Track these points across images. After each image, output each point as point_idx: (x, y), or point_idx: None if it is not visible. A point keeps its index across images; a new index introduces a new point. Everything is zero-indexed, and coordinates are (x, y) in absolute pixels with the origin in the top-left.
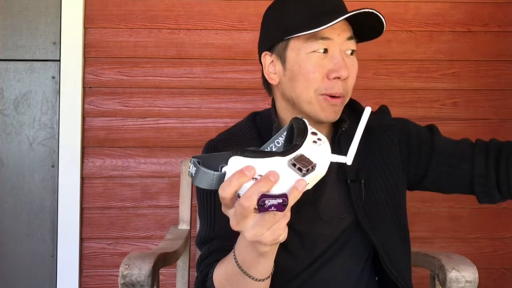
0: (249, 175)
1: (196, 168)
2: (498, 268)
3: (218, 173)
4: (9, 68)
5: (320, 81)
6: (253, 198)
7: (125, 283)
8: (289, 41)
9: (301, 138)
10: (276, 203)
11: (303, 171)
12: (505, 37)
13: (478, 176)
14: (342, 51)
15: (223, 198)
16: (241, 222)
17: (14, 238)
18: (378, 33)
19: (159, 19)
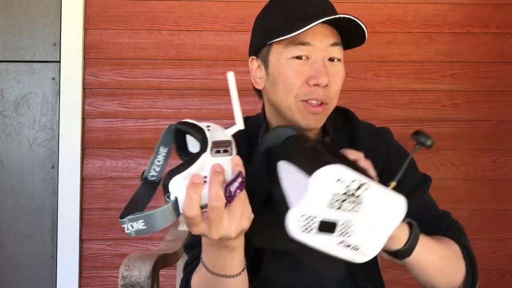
0: (200, 181)
1: (141, 219)
2: (497, 269)
3: (171, 203)
4: (9, 69)
5: (299, 87)
6: (220, 194)
7: (125, 284)
8: (272, 46)
9: (200, 132)
10: (238, 184)
11: (229, 151)
12: (504, 38)
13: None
14: (325, 57)
15: (193, 218)
16: (219, 226)
17: (14, 239)
18: (362, 38)
19: (159, 20)
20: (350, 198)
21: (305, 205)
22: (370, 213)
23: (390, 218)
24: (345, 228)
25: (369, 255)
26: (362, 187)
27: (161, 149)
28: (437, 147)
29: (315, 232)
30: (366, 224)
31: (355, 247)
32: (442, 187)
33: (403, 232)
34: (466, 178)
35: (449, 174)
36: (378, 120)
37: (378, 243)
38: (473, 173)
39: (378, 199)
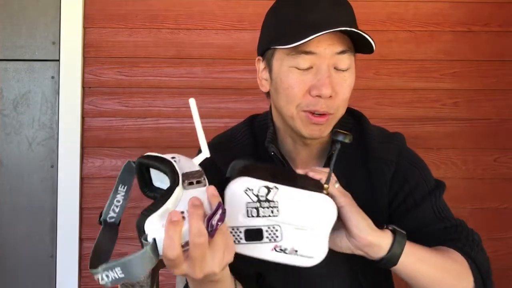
0: (179, 219)
1: (117, 267)
2: (499, 268)
3: (149, 245)
4: (8, 68)
5: (301, 97)
6: (202, 229)
7: (124, 284)
8: (275, 50)
9: (167, 165)
10: (219, 216)
11: (202, 181)
12: (506, 36)
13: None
14: (330, 65)
15: (175, 259)
16: (202, 264)
17: (14, 238)
18: (370, 49)
19: (159, 19)
20: (264, 203)
21: (227, 219)
22: (292, 213)
23: (319, 217)
24: (272, 233)
25: (316, 258)
26: (271, 191)
27: (120, 188)
28: (438, 146)
29: (245, 241)
30: (293, 226)
31: (292, 251)
32: None
33: (385, 239)
34: (466, 177)
35: (450, 173)
36: (379, 119)
37: (319, 245)
38: (474, 172)
39: (294, 199)
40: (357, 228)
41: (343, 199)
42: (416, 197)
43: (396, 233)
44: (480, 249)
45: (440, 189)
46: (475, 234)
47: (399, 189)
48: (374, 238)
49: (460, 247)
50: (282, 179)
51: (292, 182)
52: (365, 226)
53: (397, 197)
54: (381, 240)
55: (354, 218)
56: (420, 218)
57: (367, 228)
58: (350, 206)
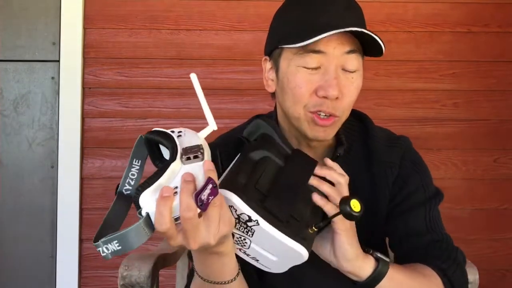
0: (170, 194)
1: (114, 240)
2: (498, 269)
3: (142, 219)
4: (8, 69)
5: (308, 98)
6: (190, 204)
7: (124, 284)
8: (283, 50)
9: (169, 140)
10: (210, 191)
11: (199, 156)
12: (505, 37)
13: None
14: (338, 66)
15: (166, 232)
16: (196, 236)
17: (14, 238)
18: (380, 52)
19: (159, 19)
20: (242, 224)
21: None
22: (264, 244)
23: (287, 256)
24: (241, 241)
25: (272, 270)
26: (252, 221)
27: (134, 162)
28: (438, 147)
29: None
30: (260, 246)
31: (254, 258)
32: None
33: (366, 269)
34: (466, 177)
35: (450, 174)
36: (379, 120)
37: (279, 267)
38: (474, 173)
39: (270, 237)
40: (342, 258)
41: (342, 227)
42: (412, 202)
43: (380, 262)
44: (460, 270)
45: (438, 199)
46: (460, 253)
47: (398, 191)
48: (355, 269)
49: (440, 266)
50: (278, 201)
51: (284, 210)
52: (350, 258)
53: (395, 199)
54: (361, 270)
55: (343, 249)
56: (411, 225)
57: (353, 261)
58: (345, 236)
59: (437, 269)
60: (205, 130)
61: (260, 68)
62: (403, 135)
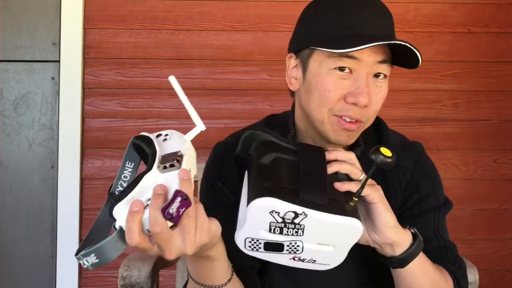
0: (139, 209)
1: (92, 253)
2: (498, 269)
3: (115, 233)
4: (8, 69)
5: (336, 102)
6: (158, 218)
7: (124, 285)
8: (314, 51)
9: (150, 147)
10: (179, 203)
11: (175, 165)
12: (505, 38)
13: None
14: (370, 74)
15: (138, 246)
16: (171, 247)
17: (14, 239)
18: (415, 64)
19: (159, 20)
20: (289, 225)
21: (246, 230)
22: (317, 234)
23: (343, 237)
24: (293, 247)
25: (331, 264)
26: (299, 216)
27: (127, 164)
28: (438, 147)
29: (263, 251)
30: (315, 242)
31: (310, 260)
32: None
33: (405, 240)
34: (467, 178)
35: (450, 174)
36: None
37: (337, 256)
38: (474, 173)
39: (322, 224)
40: (386, 226)
41: (376, 196)
42: (422, 207)
43: (417, 238)
44: (466, 276)
45: (447, 207)
46: (462, 261)
47: (409, 196)
48: (398, 237)
49: (450, 268)
50: (311, 190)
51: (321, 195)
52: (393, 225)
53: (406, 204)
54: (404, 239)
55: (384, 216)
56: (420, 230)
57: (395, 227)
58: (382, 203)
59: (448, 270)
60: (192, 132)
61: (259, 69)
62: (416, 141)
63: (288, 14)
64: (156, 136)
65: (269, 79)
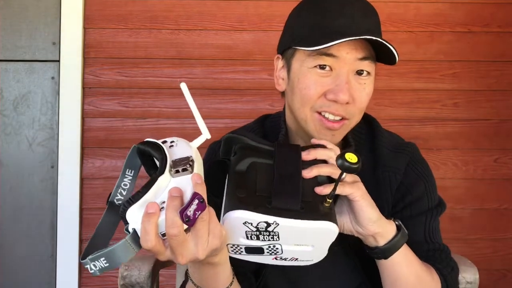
0: (155, 211)
1: (102, 257)
2: (498, 269)
3: (129, 236)
4: (8, 69)
5: (316, 100)
6: (175, 221)
7: (124, 284)
8: (296, 51)
9: (160, 152)
10: (196, 206)
11: (188, 169)
12: (506, 37)
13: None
14: (351, 71)
15: (153, 248)
16: (184, 251)
17: (14, 238)
18: (393, 60)
19: (159, 19)
20: (264, 232)
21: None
22: (293, 238)
23: (319, 238)
24: (272, 250)
25: (314, 260)
26: (271, 225)
27: (127, 172)
28: (438, 147)
29: (245, 254)
30: (293, 244)
31: (292, 259)
32: (442, 186)
33: (388, 231)
34: (466, 177)
35: (450, 174)
36: (379, 120)
37: (318, 254)
38: (474, 173)
39: (295, 230)
40: (368, 221)
41: (358, 193)
42: (413, 210)
43: (401, 229)
44: (455, 275)
45: (440, 209)
46: (454, 263)
47: (401, 198)
48: (382, 230)
49: (438, 267)
50: (283, 196)
51: (293, 201)
52: (376, 219)
53: (397, 205)
54: (387, 230)
55: (366, 211)
56: (409, 233)
57: (378, 221)
58: (364, 200)
59: (437, 270)
60: (198, 140)
61: (259, 68)
62: (411, 142)
63: (288, 14)
64: (162, 142)
65: (269, 79)
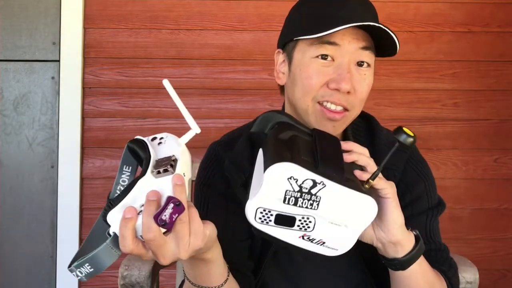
0: (132, 216)
1: (86, 263)
2: (498, 269)
3: (110, 239)
4: (8, 69)
5: (318, 89)
6: (151, 225)
7: (124, 284)
8: (298, 42)
9: (144, 151)
10: (172, 210)
11: (169, 170)
12: (505, 37)
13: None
14: (352, 61)
15: (131, 252)
16: (164, 253)
17: (14, 238)
18: (394, 50)
19: (159, 19)
20: (305, 195)
21: (259, 198)
22: (332, 210)
23: (357, 217)
24: (304, 223)
25: (340, 250)
26: (318, 185)
27: (124, 168)
28: (438, 147)
29: (273, 224)
30: (328, 220)
31: (319, 242)
32: (442, 186)
33: (408, 241)
34: (467, 177)
35: (450, 174)
36: (379, 120)
37: (347, 240)
38: (474, 173)
39: (338, 198)
40: (394, 224)
41: (391, 191)
42: (414, 209)
43: (419, 240)
44: (457, 276)
45: (439, 208)
46: (453, 261)
47: (400, 197)
48: (404, 238)
49: (441, 268)
50: (329, 165)
51: (339, 171)
52: (400, 224)
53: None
54: (407, 241)
55: (395, 213)
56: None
57: (402, 227)
58: (394, 200)
59: (440, 270)
60: (187, 135)
61: (259, 68)
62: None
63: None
64: (151, 139)
65: (269, 79)
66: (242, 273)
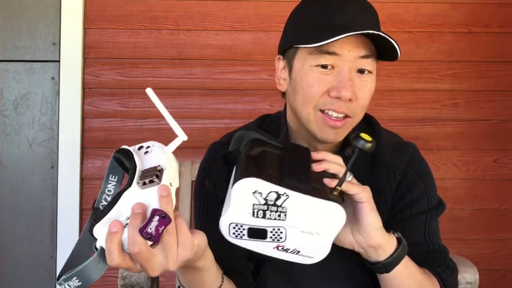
0: (117, 229)
1: (74, 277)
2: (498, 269)
3: (97, 253)
4: (8, 69)
5: (319, 97)
6: (136, 239)
7: (124, 284)
8: (297, 50)
9: (130, 162)
10: (157, 222)
11: (155, 180)
12: (505, 37)
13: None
14: (353, 69)
15: (119, 265)
16: (152, 265)
17: (14, 239)
18: (395, 56)
19: (159, 20)
20: (272, 207)
21: (230, 214)
22: (300, 219)
23: (327, 224)
24: (276, 234)
25: (316, 258)
26: (282, 197)
27: (111, 178)
28: (438, 147)
29: (247, 238)
30: (299, 230)
31: (294, 251)
32: (442, 187)
33: (390, 244)
34: (466, 178)
35: (450, 174)
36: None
37: (322, 248)
38: (474, 173)
39: (304, 207)
40: (371, 227)
41: (365, 195)
42: (413, 210)
43: (402, 242)
44: (455, 277)
45: (439, 209)
46: (453, 263)
47: (400, 198)
48: (383, 241)
49: (435, 269)
50: (295, 176)
51: (304, 182)
52: (378, 227)
53: (396, 205)
54: (388, 244)
55: (371, 216)
56: (408, 234)
57: (380, 230)
58: (369, 203)
59: (433, 271)
60: (174, 143)
61: (259, 69)
62: (410, 141)
63: (288, 14)
64: (138, 148)
65: (269, 79)
66: (241, 274)
